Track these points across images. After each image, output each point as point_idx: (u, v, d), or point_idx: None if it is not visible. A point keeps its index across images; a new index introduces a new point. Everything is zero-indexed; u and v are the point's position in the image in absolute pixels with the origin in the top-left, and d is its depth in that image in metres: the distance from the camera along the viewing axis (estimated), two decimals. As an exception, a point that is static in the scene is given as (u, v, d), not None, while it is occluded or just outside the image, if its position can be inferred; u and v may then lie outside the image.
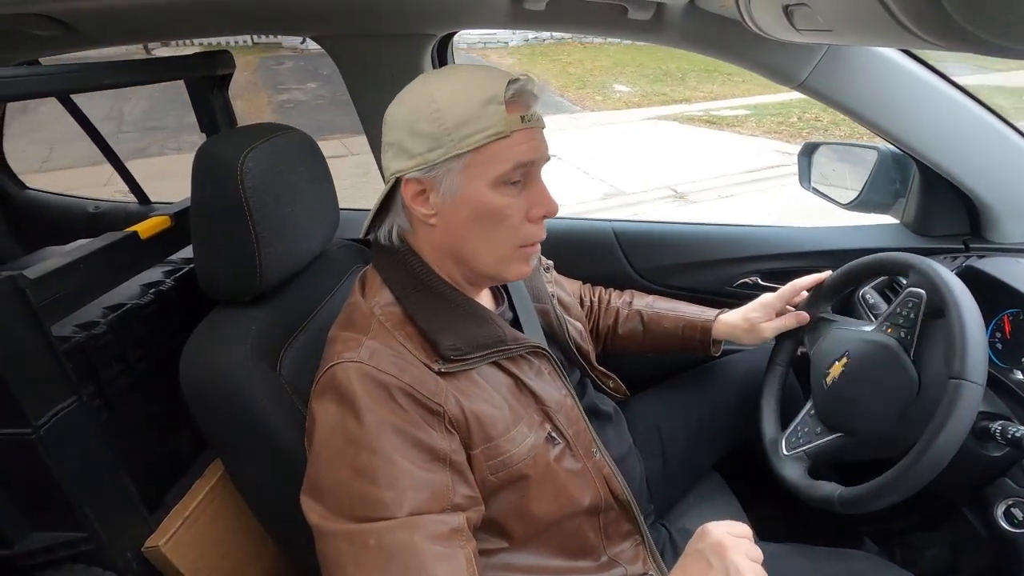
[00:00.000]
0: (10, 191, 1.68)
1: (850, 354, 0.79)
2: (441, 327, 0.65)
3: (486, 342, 0.66)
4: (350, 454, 0.57)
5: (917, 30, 0.37)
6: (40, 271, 0.71)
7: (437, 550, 0.54)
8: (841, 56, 0.91)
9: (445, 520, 0.57)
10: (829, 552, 0.80)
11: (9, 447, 0.66)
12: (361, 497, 0.55)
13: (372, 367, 0.59)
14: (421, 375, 0.61)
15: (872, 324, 0.82)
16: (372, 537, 0.54)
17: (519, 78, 0.64)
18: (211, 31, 1.17)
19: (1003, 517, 0.73)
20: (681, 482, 0.99)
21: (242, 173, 0.71)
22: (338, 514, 0.56)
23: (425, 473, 0.58)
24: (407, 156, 0.64)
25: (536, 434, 0.68)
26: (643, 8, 0.89)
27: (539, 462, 0.67)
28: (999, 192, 0.98)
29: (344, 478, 0.57)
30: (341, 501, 0.56)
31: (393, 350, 0.62)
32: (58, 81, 0.79)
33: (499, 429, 0.64)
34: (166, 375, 0.81)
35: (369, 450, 0.56)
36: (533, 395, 0.69)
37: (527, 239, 0.67)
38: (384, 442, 0.57)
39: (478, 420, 0.63)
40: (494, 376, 0.67)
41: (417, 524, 0.55)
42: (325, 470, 0.58)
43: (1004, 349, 0.82)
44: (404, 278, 0.68)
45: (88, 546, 0.72)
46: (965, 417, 0.63)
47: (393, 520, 0.54)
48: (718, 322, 0.96)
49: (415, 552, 0.53)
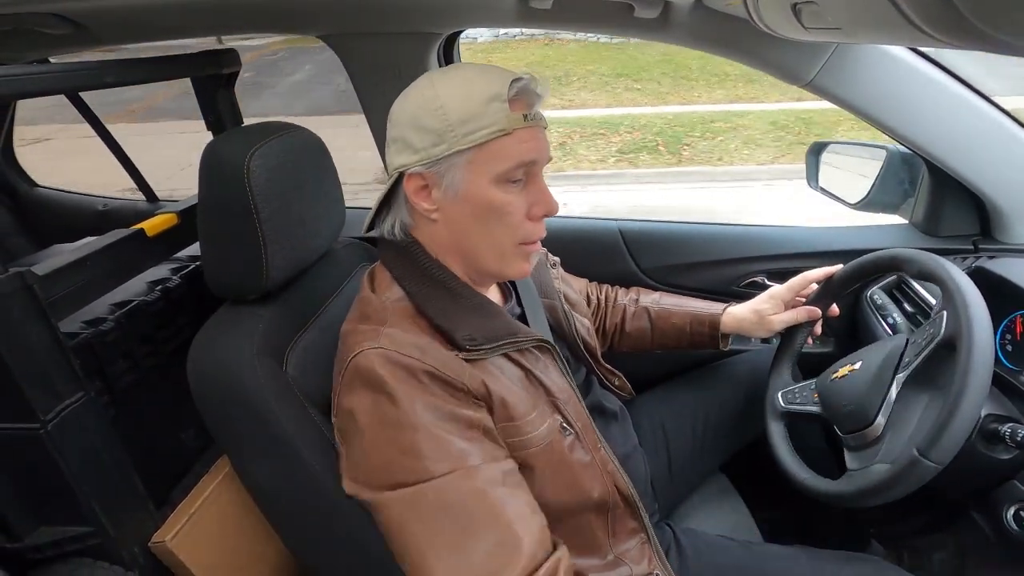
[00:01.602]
0: (20, 189, 1.69)
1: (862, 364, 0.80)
2: (453, 320, 0.65)
3: (497, 334, 0.67)
4: (393, 436, 0.58)
5: (928, 28, 0.37)
6: (48, 268, 0.71)
7: (499, 491, 0.58)
8: (850, 55, 0.90)
9: (496, 466, 0.60)
10: (835, 555, 0.79)
11: (17, 442, 0.67)
12: (412, 470, 0.57)
13: (394, 351, 0.60)
14: (443, 357, 0.62)
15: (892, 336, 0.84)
16: (430, 492, 0.56)
17: (522, 77, 0.64)
18: (220, 30, 1.17)
19: (1012, 520, 0.72)
20: (686, 482, 0.98)
21: (249, 172, 0.71)
22: (391, 488, 0.58)
23: (466, 442, 0.59)
24: (411, 151, 0.65)
25: (550, 423, 0.69)
26: (650, 6, 0.88)
27: (554, 449, 0.68)
28: (1009, 192, 0.97)
29: (392, 458, 0.58)
30: (394, 476, 0.58)
31: (414, 335, 0.63)
32: (66, 79, 0.80)
33: (520, 411, 0.66)
34: (173, 372, 0.81)
35: (411, 428, 0.58)
36: (543, 386, 0.70)
37: (527, 237, 0.68)
38: (422, 418, 0.58)
39: (502, 400, 0.64)
40: (507, 367, 0.68)
41: (472, 473, 0.57)
42: (372, 455, 0.60)
43: (1014, 351, 0.81)
44: (413, 273, 0.68)
45: (95, 541, 0.72)
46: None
47: (449, 474, 0.56)
48: (726, 315, 0.96)
49: (477, 495, 0.56)
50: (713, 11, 0.88)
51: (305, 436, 0.71)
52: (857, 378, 0.78)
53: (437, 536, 0.55)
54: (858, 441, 0.76)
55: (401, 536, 0.57)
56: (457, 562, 0.55)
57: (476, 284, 0.72)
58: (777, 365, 0.93)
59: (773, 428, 0.88)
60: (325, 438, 0.71)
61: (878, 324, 0.99)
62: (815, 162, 1.18)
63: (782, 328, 0.92)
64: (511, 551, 0.55)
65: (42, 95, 0.78)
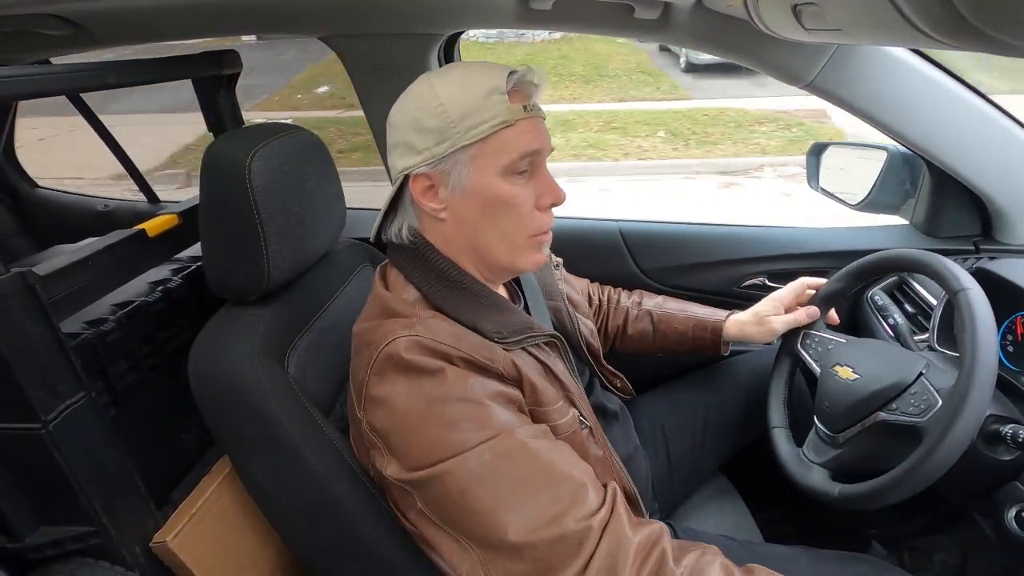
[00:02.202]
0: (21, 189, 1.69)
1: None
2: (475, 317, 0.66)
3: (518, 328, 0.67)
4: (436, 412, 0.58)
5: (928, 29, 0.37)
6: (49, 268, 0.71)
7: (545, 444, 0.60)
8: (850, 55, 0.90)
9: (539, 428, 0.62)
10: (836, 555, 0.79)
11: (18, 442, 0.67)
12: (461, 442, 0.57)
13: (430, 338, 0.61)
14: (478, 343, 0.63)
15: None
16: (486, 453, 0.57)
17: (518, 69, 0.64)
18: (220, 31, 1.17)
19: (1013, 521, 0.72)
20: (685, 482, 0.98)
21: (250, 173, 0.71)
22: (443, 460, 0.57)
23: (508, 412, 0.61)
24: (414, 152, 0.65)
25: (571, 416, 0.69)
26: (650, 7, 0.88)
27: (576, 440, 0.68)
28: (1010, 193, 0.97)
29: (437, 436, 0.58)
30: (443, 452, 0.58)
31: (449, 324, 0.64)
32: (67, 80, 0.80)
33: (548, 398, 0.67)
34: (174, 372, 0.81)
35: (454, 400, 0.59)
36: (559, 381, 0.70)
37: (538, 228, 0.68)
38: (465, 390, 0.59)
39: (532, 386, 0.65)
40: (529, 360, 0.68)
41: (519, 432, 0.59)
42: (415, 438, 0.59)
43: (1015, 351, 0.81)
44: (427, 275, 0.68)
45: (96, 540, 0.73)
46: None
47: (496, 437, 0.58)
48: (729, 321, 0.96)
49: (529, 451, 0.58)
50: (713, 12, 0.88)
51: (306, 437, 0.71)
52: (847, 388, 0.78)
53: (502, 493, 0.56)
54: (822, 436, 0.81)
55: (463, 501, 0.57)
56: (529, 512, 0.55)
57: (489, 281, 0.72)
58: (778, 366, 0.94)
59: (782, 363, 0.92)
60: (326, 438, 0.71)
61: (879, 325, 0.98)
62: (816, 163, 1.18)
63: (783, 329, 0.92)
64: (574, 492, 0.57)
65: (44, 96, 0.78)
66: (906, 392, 0.73)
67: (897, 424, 0.72)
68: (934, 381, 0.72)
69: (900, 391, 0.73)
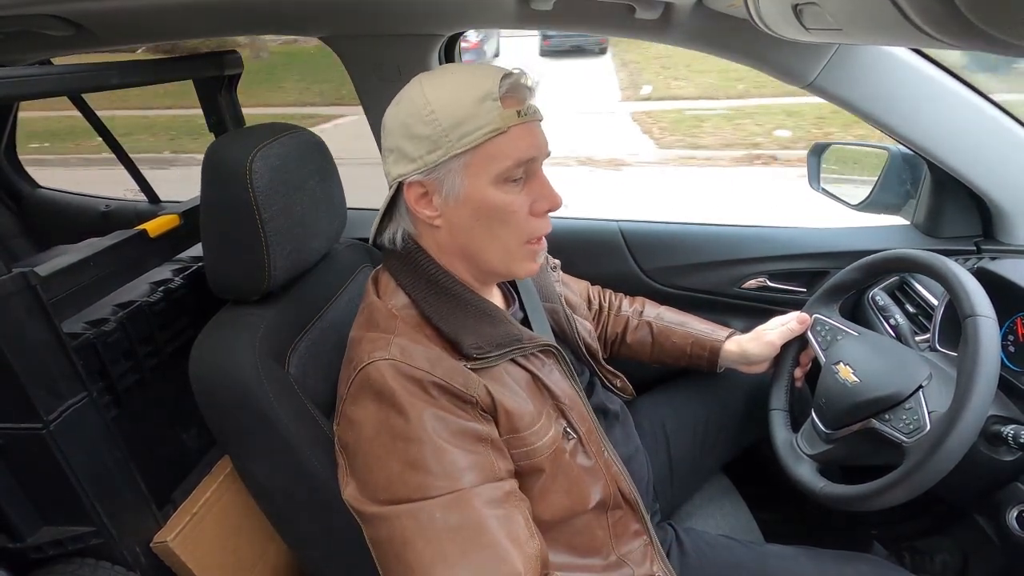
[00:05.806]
0: (23, 190, 1.70)
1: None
2: (459, 328, 0.65)
3: (503, 341, 0.67)
4: (400, 448, 0.58)
5: (929, 29, 0.36)
6: (51, 268, 0.71)
7: (498, 513, 0.58)
8: (851, 56, 0.90)
9: (498, 486, 0.60)
10: (837, 555, 0.79)
11: (20, 441, 0.67)
12: (418, 485, 0.57)
13: (404, 363, 0.60)
14: (452, 368, 0.62)
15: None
16: (437, 510, 0.56)
17: (512, 72, 0.63)
18: (221, 32, 1.17)
19: (1015, 522, 0.72)
20: (687, 483, 0.98)
21: (251, 173, 0.71)
22: (395, 502, 0.57)
23: (472, 455, 0.60)
24: (407, 160, 0.64)
25: (555, 428, 0.68)
26: (651, 8, 0.88)
27: (557, 456, 0.68)
28: (1011, 193, 0.97)
29: (398, 472, 0.58)
30: (398, 491, 0.58)
31: (423, 346, 0.63)
32: (68, 81, 0.80)
33: (525, 423, 0.65)
34: (175, 372, 0.81)
35: (418, 442, 0.58)
36: (549, 391, 0.70)
37: (533, 234, 0.68)
38: (430, 432, 0.58)
39: (507, 412, 0.64)
40: (514, 372, 0.68)
41: (475, 494, 0.58)
42: (376, 467, 0.59)
43: (1017, 352, 0.80)
44: (417, 281, 0.68)
45: (97, 540, 0.73)
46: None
47: (452, 494, 0.57)
48: (729, 342, 0.95)
49: (478, 518, 0.56)
50: (714, 12, 0.88)
51: (307, 436, 0.71)
52: (845, 391, 0.78)
53: (440, 555, 0.55)
54: (816, 429, 0.82)
55: (403, 551, 0.56)
56: None
57: (482, 286, 0.72)
58: (779, 368, 0.94)
59: (789, 346, 0.92)
60: (327, 438, 0.71)
61: (880, 325, 0.98)
62: (816, 163, 1.18)
63: (781, 341, 0.92)
64: (505, 574, 0.55)
65: (45, 97, 0.78)
66: (900, 406, 0.74)
67: (885, 436, 0.73)
68: (930, 400, 0.72)
69: (895, 403, 0.74)
